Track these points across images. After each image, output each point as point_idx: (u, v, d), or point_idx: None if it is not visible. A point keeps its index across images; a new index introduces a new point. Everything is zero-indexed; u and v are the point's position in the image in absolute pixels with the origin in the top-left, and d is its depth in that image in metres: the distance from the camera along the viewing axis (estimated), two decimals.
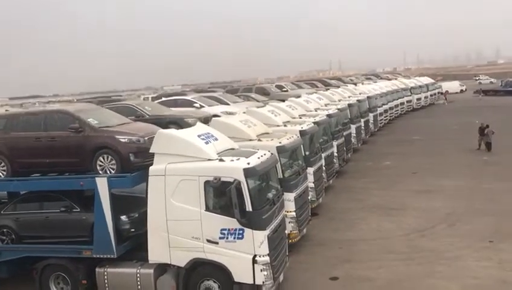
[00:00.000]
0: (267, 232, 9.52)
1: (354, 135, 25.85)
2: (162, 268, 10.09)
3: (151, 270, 10.10)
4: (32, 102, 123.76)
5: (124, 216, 10.59)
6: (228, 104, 20.20)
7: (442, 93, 58.33)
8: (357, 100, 28.92)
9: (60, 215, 10.87)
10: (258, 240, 9.28)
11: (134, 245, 10.76)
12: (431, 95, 54.19)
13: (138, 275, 10.19)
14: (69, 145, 10.70)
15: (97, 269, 10.53)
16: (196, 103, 18.23)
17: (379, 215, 15.67)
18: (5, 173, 11.22)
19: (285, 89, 31.15)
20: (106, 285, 10.44)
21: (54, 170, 11.33)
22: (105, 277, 10.44)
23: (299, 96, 23.36)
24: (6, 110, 14.62)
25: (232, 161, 9.66)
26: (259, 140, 13.00)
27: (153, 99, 30.02)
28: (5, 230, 11.29)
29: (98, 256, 10.46)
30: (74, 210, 10.88)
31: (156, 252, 9.95)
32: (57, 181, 10.96)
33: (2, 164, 11.19)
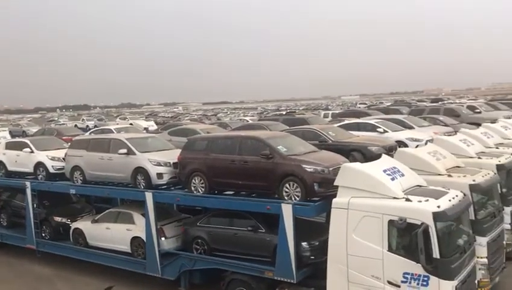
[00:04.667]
0: (455, 283, 8.82)
1: None
2: None
3: None
4: (221, 108, 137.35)
5: (305, 243, 10.86)
6: (413, 127, 19.28)
7: None
8: None
9: (247, 234, 11.65)
10: None
11: (313, 273, 10.98)
12: None
13: None
14: (260, 170, 11.43)
15: None
16: (380, 127, 17.80)
17: None
18: (203, 189, 12.49)
19: (478, 110, 28.43)
20: None
21: (244, 190, 12.25)
22: None
23: (495, 121, 21.15)
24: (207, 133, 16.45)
25: (420, 201, 9.18)
26: (449, 175, 12.06)
27: (334, 116, 30.44)
28: (199, 241, 12.55)
29: (278, 278, 10.93)
30: (260, 230, 11.55)
31: (335, 284, 9.96)
32: (247, 203, 11.77)
33: (202, 181, 12.47)
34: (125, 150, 13.85)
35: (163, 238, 13.09)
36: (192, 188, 12.63)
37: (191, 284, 12.88)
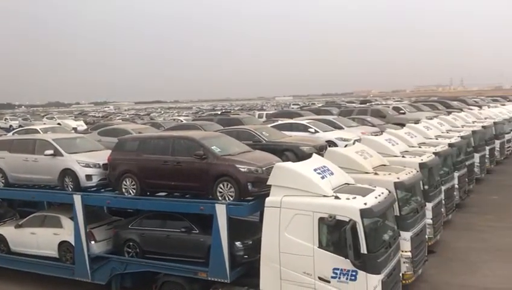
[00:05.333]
0: (381, 276, 9.22)
1: (478, 164, 24.00)
2: None
3: None
4: (154, 107, 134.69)
5: (239, 242, 10.92)
6: (342, 128, 19.97)
7: None
8: (482, 126, 26.86)
9: (180, 235, 11.54)
10: (371, 285, 9.01)
11: (246, 271, 11.07)
12: None
13: None
14: (193, 171, 11.36)
15: None
16: (311, 128, 18.29)
17: (504, 260, 14.33)
18: (134, 191, 12.21)
19: (402, 111, 29.96)
20: None
21: (177, 191, 12.12)
22: None
23: (418, 122, 22.36)
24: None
25: (348, 199, 9.52)
26: (375, 174, 12.62)
27: (269, 116, 30.88)
28: (131, 243, 12.27)
29: (212, 279, 10.92)
30: (193, 231, 11.48)
31: (268, 282, 10.09)
32: (180, 204, 11.66)
33: (133, 183, 12.19)
34: (51, 151, 13.27)
35: (93, 242, 12.70)
36: (123, 190, 12.33)
37: (123, 288, 12.56)
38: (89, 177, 12.84)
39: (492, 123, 29.45)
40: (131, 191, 12.23)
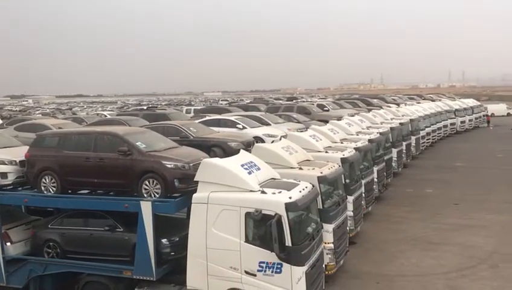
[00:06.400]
0: (305, 268, 9.53)
1: (395, 159, 25.44)
2: None
3: None
4: (77, 101, 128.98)
5: (165, 239, 10.80)
6: (269, 124, 20.30)
7: (487, 116, 56.71)
8: (400, 123, 28.46)
9: (103, 234, 11.20)
10: (295, 276, 9.28)
11: (173, 268, 10.98)
12: (476, 118, 52.71)
13: None
14: (117, 167, 11.06)
15: None
16: (239, 124, 18.42)
17: (419, 249, 15.34)
18: (55, 189, 11.69)
19: (326, 109, 30.98)
20: None
21: (101, 189, 11.75)
22: None
23: (340, 118, 23.24)
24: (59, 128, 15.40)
25: (274, 193, 9.73)
26: (300, 168, 12.98)
27: (197, 112, 30.67)
28: (51, 244, 11.74)
29: (137, 277, 10.72)
30: (117, 230, 11.19)
31: (194, 279, 10.08)
32: (103, 201, 11.31)
33: (53, 181, 11.66)
34: None
35: (8, 244, 12.00)
36: (43, 188, 11.75)
37: None
38: (3, 175, 12.09)
39: (408, 120, 31.31)
40: (51, 189, 11.68)
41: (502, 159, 32.08)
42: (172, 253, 10.81)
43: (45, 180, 11.68)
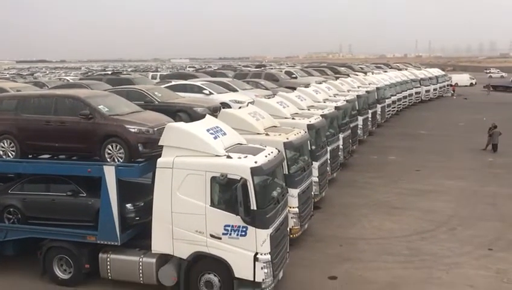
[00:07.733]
0: (270, 231, 9.64)
1: (361, 126, 25.81)
2: (164, 258, 10.26)
3: (154, 260, 10.29)
4: (39, 67, 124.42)
5: (130, 204, 10.71)
6: (237, 90, 20.11)
7: (451, 86, 58.01)
8: (366, 91, 28.76)
9: (66, 199, 10.99)
10: (260, 239, 9.39)
11: (138, 233, 10.93)
12: (440, 88, 53.87)
13: (140, 263, 10.39)
14: (79, 131, 10.78)
15: (100, 255, 10.73)
16: (206, 89, 18.15)
17: (381, 213, 15.77)
18: (14, 153, 11.33)
19: (294, 76, 30.89)
20: (108, 271, 10.67)
21: (63, 153, 11.48)
22: (108, 263, 10.65)
23: (308, 86, 23.27)
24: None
25: (240, 158, 9.72)
26: (266, 134, 13.00)
27: (162, 77, 30.05)
28: (11, 209, 11.45)
29: (101, 242, 10.63)
30: (80, 195, 10.99)
31: (160, 243, 10.09)
32: (65, 166, 11.06)
33: (12, 145, 11.29)
34: None
35: None
36: (1, 153, 11.40)
37: (3, 256, 11.77)
38: None
39: (375, 88, 31.69)
40: (9, 154, 11.34)
41: (463, 127, 33.04)
42: (137, 218, 10.74)
43: (3, 144, 11.34)
